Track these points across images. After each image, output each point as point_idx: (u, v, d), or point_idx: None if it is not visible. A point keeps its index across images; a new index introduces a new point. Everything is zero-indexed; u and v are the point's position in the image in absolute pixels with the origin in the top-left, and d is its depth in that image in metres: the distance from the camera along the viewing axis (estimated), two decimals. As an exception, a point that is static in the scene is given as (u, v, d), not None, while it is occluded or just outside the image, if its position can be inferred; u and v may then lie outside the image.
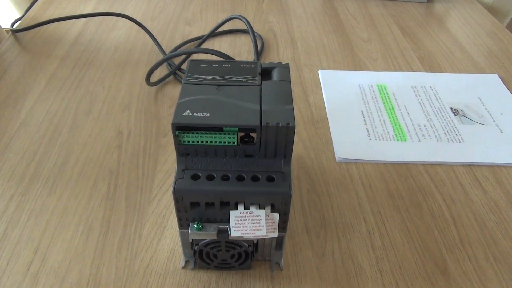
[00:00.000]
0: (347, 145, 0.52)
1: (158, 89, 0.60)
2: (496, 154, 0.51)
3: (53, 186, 0.46)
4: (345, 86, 0.62)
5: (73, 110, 0.56)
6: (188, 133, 0.31)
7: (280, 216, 0.33)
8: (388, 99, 0.59)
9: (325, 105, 0.58)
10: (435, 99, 0.59)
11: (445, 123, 0.55)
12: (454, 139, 0.53)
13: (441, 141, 0.53)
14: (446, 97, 0.60)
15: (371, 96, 0.60)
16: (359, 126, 0.55)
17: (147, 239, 0.41)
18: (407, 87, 0.62)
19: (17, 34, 0.71)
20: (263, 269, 0.39)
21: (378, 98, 0.59)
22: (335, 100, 0.59)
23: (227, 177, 0.32)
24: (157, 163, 0.49)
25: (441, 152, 0.51)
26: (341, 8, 0.84)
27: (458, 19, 0.81)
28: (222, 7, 0.83)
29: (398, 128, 0.54)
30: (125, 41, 0.70)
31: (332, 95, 0.60)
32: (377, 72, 0.65)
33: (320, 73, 0.64)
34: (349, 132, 0.54)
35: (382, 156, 0.50)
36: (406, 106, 0.58)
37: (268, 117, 0.31)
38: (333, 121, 0.55)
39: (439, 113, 0.57)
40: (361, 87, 0.61)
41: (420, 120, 0.56)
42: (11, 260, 0.39)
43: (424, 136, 0.53)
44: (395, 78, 0.64)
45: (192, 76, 0.35)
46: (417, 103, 0.59)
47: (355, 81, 0.63)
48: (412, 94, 0.60)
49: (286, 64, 0.37)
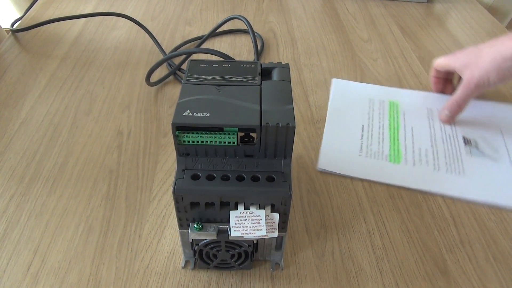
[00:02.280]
0: (334, 157, 0.49)
1: (158, 89, 0.60)
2: (499, 194, 0.46)
3: (53, 186, 0.46)
4: (354, 98, 0.59)
5: (73, 110, 0.56)
6: (188, 133, 0.31)
7: (280, 216, 0.33)
8: (396, 117, 0.55)
9: (327, 114, 0.56)
10: (448, 125, 0.55)
11: (451, 151, 0.51)
12: (454, 170, 0.48)
13: (438, 170, 0.48)
14: (462, 124, 0.54)
15: (379, 112, 0.56)
16: (353, 140, 0.52)
17: (147, 239, 0.41)
18: (421, 108, 0.57)
19: (17, 34, 0.71)
20: (263, 269, 0.39)
21: (385, 115, 0.56)
22: (339, 109, 0.56)
23: (227, 177, 0.32)
24: (157, 163, 0.49)
25: (434, 180, 0.47)
26: (341, 8, 0.84)
27: (458, 19, 0.81)
28: (222, 7, 0.83)
29: (395, 149, 0.51)
30: (125, 41, 0.70)
31: (337, 104, 0.57)
32: (394, 88, 0.61)
33: (334, 82, 0.61)
34: (341, 144, 0.51)
35: (367, 174, 0.48)
36: (413, 128, 0.54)
37: (268, 117, 0.31)
38: (329, 129, 0.53)
39: (447, 140, 0.52)
40: (371, 101, 0.58)
41: (422, 144, 0.52)
42: (11, 260, 0.39)
43: (421, 162, 0.49)
44: (413, 97, 0.59)
45: (192, 76, 0.35)
46: (426, 126, 0.54)
47: (367, 94, 0.60)
48: (424, 116, 0.56)
49: (286, 64, 0.37)
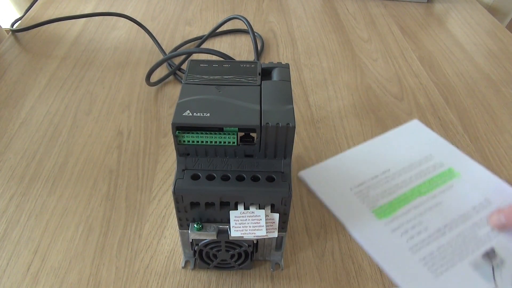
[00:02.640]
0: (325, 174, 0.46)
1: (158, 89, 0.60)
2: None
3: (53, 186, 0.46)
4: (418, 142, 0.51)
5: (73, 110, 0.56)
6: (188, 133, 0.31)
7: (280, 216, 0.33)
8: (436, 185, 0.46)
9: (382, 138, 0.51)
10: (484, 224, 0.42)
11: (456, 251, 0.40)
12: (435, 270, 0.38)
13: (415, 253, 0.39)
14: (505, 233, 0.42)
15: (425, 169, 0.48)
16: (363, 172, 0.46)
17: (147, 239, 0.41)
18: (477, 193, 0.45)
19: (17, 34, 0.71)
20: (263, 269, 0.39)
21: (427, 176, 0.47)
22: (390, 142, 0.51)
23: (227, 177, 0.32)
24: (157, 163, 0.49)
25: (403, 270, 0.38)
26: (341, 8, 0.84)
27: (458, 19, 0.81)
28: (222, 7, 0.83)
29: (391, 206, 0.43)
30: (125, 41, 0.70)
31: (397, 139, 0.51)
32: (469, 158, 0.50)
33: (414, 122, 0.55)
34: (346, 166, 0.47)
35: (338, 211, 0.43)
36: (437, 200, 0.44)
37: (268, 117, 0.31)
38: (358, 150, 0.49)
39: (463, 238, 0.41)
40: (430, 157, 0.49)
41: (430, 223, 0.42)
42: (11, 260, 0.39)
43: (407, 232, 0.41)
44: (480, 176, 0.48)
45: (192, 76, 0.35)
46: (461, 210, 0.43)
47: (433, 148, 0.50)
48: (471, 201, 0.44)
49: (286, 64, 0.37)
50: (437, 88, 0.63)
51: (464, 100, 0.61)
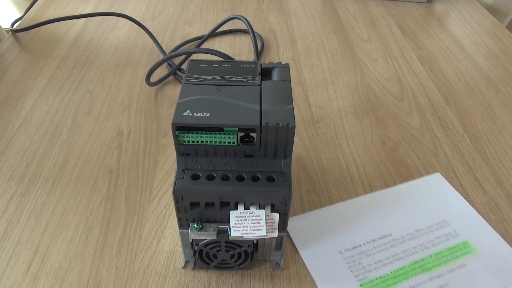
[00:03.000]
0: (309, 230, 0.40)
1: (158, 89, 0.60)
2: None
3: (53, 186, 0.46)
4: (434, 203, 0.44)
5: (73, 110, 0.56)
6: (188, 133, 0.31)
7: (280, 216, 0.33)
8: (446, 261, 0.38)
9: (396, 190, 0.45)
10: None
11: None
12: None
13: None
14: None
15: (436, 238, 0.40)
16: (357, 235, 0.40)
17: (147, 239, 0.41)
18: (493, 273, 0.38)
19: (17, 34, 0.71)
20: (263, 269, 0.39)
21: (435, 247, 0.39)
22: (403, 198, 0.44)
23: (227, 177, 0.32)
24: (157, 163, 0.49)
25: None
26: (341, 8, 0.84)
27: (458, 19, 0.81)
28: (222, 7, 0.83)
29: (385, 282, 0.37)
30: (125, 41, 0.70)
31: (416, 195, 0.45)
32: (492, 230, 0.42)
33: (436, 175, 0.47)
34: (340, 225, 0.41)
35: (317, 276, 0.37)
36: (443, 281, 0.37)
37: (268, 117, 0.31)
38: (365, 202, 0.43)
39: None
40: (443, 223, 0.42)
41: None
42: (11, 260, 0.39)
43: None
44: (499, 254, 0.39)
45: (192, 76, 0.35)
46: None
47: (453, 213, 0.43)
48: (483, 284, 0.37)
49: (286, 64, 0.37)
50: (437, 88, 0.63)
51: (464, 100, 0.61)
